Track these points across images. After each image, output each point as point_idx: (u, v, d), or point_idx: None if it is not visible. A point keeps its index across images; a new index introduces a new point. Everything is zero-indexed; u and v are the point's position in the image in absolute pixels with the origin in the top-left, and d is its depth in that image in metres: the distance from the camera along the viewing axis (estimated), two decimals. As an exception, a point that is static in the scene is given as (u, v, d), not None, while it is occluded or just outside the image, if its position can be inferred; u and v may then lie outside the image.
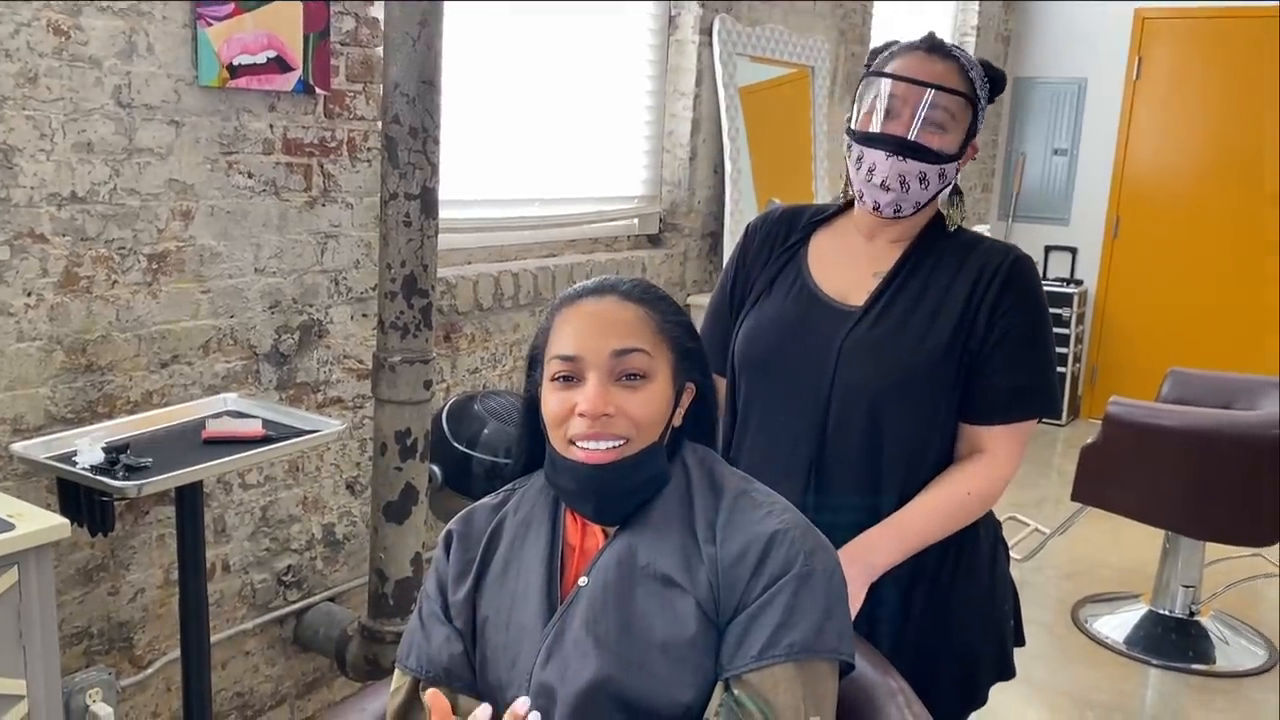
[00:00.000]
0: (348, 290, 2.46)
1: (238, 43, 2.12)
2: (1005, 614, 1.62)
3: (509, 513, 1.24)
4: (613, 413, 1.11)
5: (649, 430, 1.14)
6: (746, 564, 1.10)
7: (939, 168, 1.48)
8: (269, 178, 2.25)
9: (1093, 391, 6.02)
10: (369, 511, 2.42)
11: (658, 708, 1.08)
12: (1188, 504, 3.27)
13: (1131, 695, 3.17)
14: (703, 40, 3.53)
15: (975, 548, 1.55)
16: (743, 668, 1.07)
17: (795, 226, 1.62)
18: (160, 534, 2.16)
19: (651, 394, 1.13)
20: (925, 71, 1.47)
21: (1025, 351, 1.48)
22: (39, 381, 1.93)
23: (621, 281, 1.20)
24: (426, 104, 2.06)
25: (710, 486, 1.18)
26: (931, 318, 1.47)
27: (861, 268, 1.53)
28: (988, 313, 1.47)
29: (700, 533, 1.14)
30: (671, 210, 3.62)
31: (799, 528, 1.13)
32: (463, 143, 2.78)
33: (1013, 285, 1.48)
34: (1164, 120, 5.74)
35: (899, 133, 1.47)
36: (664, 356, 1.16)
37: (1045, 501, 4.71)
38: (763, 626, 1.08)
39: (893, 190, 1.48)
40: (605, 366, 1.12)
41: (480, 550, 1.21)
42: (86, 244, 1.96)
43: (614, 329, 1.13)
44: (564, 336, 1.14)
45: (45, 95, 1.87)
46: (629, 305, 1.16)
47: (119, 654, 2.14)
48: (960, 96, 1.47)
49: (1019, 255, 1.52)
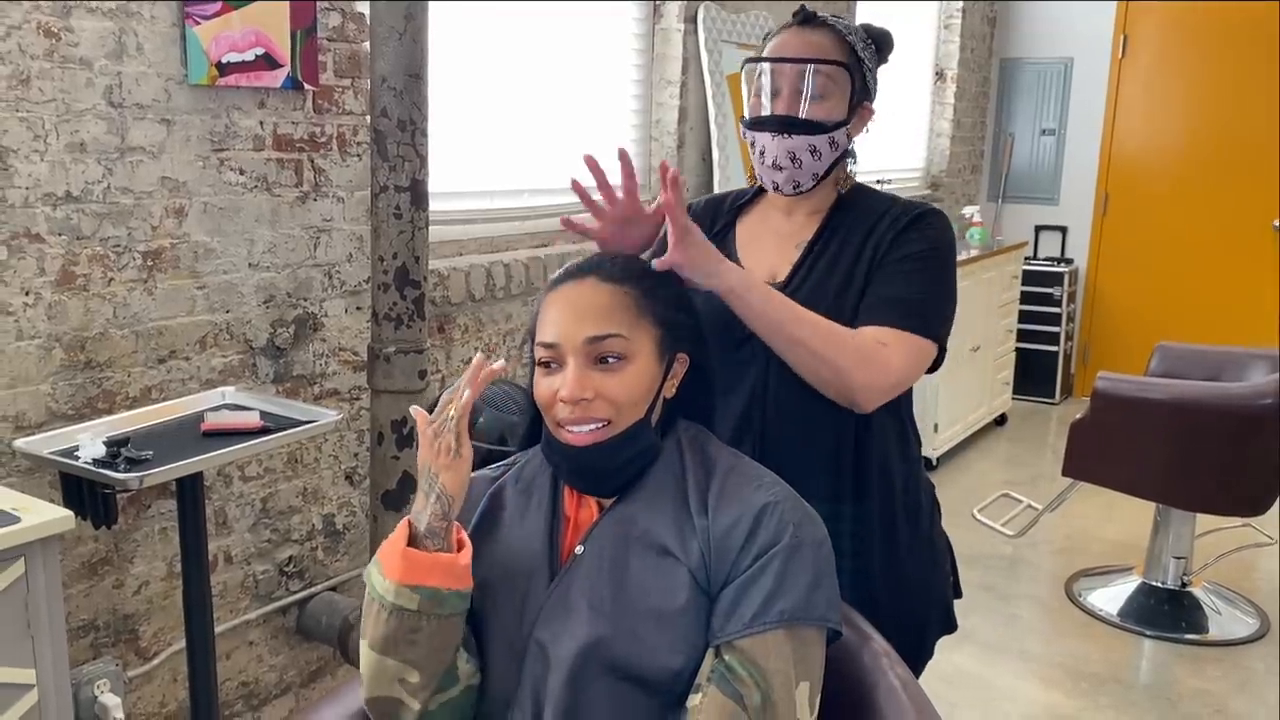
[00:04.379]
0: (341, 283, 2.49)
1: (226, 41, 2.14)
2: (946, 572, 1.68)
3: (508, 483, 1.28)
4: (591, 397, 1.15)
5: (631, 409, 1.18)
6: (738, 535, 1.14)
7: (827, 137, 1.50)
8: (260, 174, 2.28)
9: (1085, 370, 6.06)
10: (368, 501, 2.45)
11: (648, 672, 1.12)
12: (1176, 476, 3.31)
13: (1125, 666, 3.22)
14: (688, 28, 3.55)
15: (918, 509, 1.59)
16: (735, 634, 1.11)
17: (720, 213, 1.66)
18: (163, 527, 2.19)
19: (630, 374, 1.17)
20: (800, 45, 1.51)
21: (913, 273, 1.46)
22: (39, 379, 1.96)
23: (605, 260, 1.23)
24: (414, 97, 2.09)
25: (702, 462, 1.22)
26: (848, 277, 1.49)
27: (785, 243, 1.56)
28: (886, 247, 1.48)
29: (693, 505, 1.18)
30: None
31: (788, 500, 1.18)
32: (452, 135, 2.81)
33: (915, 226, 1.49)
34: (1150, 98, 5.78)
35: (780, 111, 1.51)
36: (646, 333, 1.19)
37: (1039, 479, 4.75)
38: (754, 595, 1.11)
39: (785, 168, 1.51)
40: (582, 352, 1.16)
41: (475, 518, 1.26)
42: (82, 243, 1.99)
43: (589, 315, 1.17)
44: (546, 324, 1.19)
45: (38, 96, 1.90)
46: (606, 287, 1.19)
47: (125, 646, 2.17)
48: (836, 65, 1.50)
49: (929, 208, 1.53)
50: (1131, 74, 5.81)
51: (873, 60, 1.55)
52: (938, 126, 5.79)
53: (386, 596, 1.12)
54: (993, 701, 2.97)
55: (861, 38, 1.54)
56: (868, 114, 1.57)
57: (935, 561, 1.64)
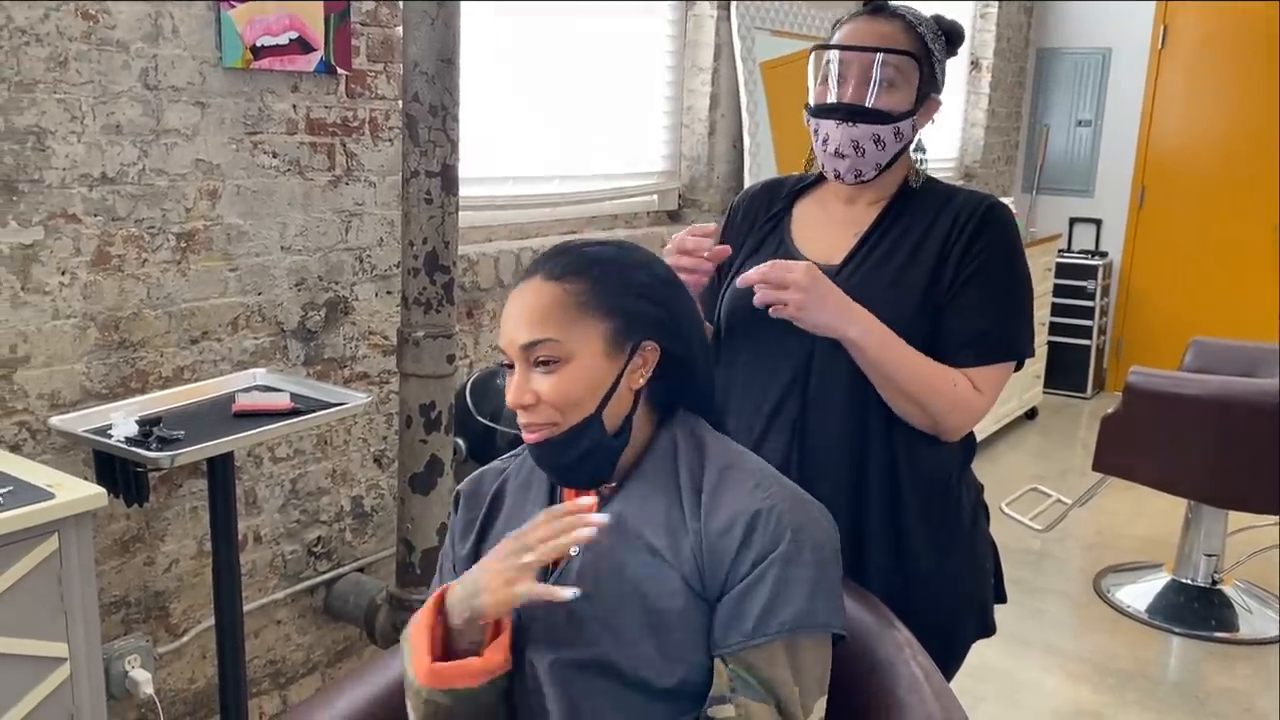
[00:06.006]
0: (372, 267, 2.51)
1: (260, 24, 2.16)
2: (986, 572, 1.64)
3: (510, 476, 1.29)
4: (532, 401, 1.14)
5: (574, 409, 1.14)
6: (733, 538, 1.11)
7: (892, 127, 1.49)
8: (293, 157, 2.30)
9: (1118, 364, 6.00)
10: (395, 484, 2.47)
11: (643, 677, 1.11)
12: (1209, 473, 3.27)
13: (1153, 663, 3.19)
14: (721, 14, 3.54)
15: (958, 508, 1.57)
16: (737, 645, 1.10)
17: (778, 196, 1.65)
18: (193, 506, 2.22)
19: (566, 376, 1.13)
20: (870, 34, 1.50)
21: (992, 294, 1.47)
22: (74, 358, 1.99)
23: (557, 255, 1.18)
24: (446, 82, 2.09)
25: (698, 457, 1.19)
26: (906, 269, 1.48)
27: (843, 230, 1.55)
28: (958, 256, 1.48)
29: (687, 504, 1.15)
30: (690, 186, 3.64)
31: (786, 500, 1.14)
32: (483, 120, 2.82)
33: (985, 231, 1.48)
34: (1190, 90, 5.69)
35: (846, 99, 1.50)
36: (590, 329, 1.14)
37: (1069, 473, 4.71)
38: (753, 604, 1.10)
39: (848, 156, 1.50)
40: (521, 357, 1.15)
41: (484, 510, 1.27)
42: (117, 224, 2.02)
43: (524, 320, 1.14)
44: (501, 327, 1.18)
45: (75, 78, 1.92)
46: (547, 287, 1.15)
47: (155, 622, 2.21)
48: (905, 55, 1.49)
49: (994, 203, 1.52)
50: (1171, 66, 5.72)
51: (942, 52, 1.54)
52: (972, 116, 5.73)
53: (421, 692, 1.12)
54: (1017, 695, 2.96)
55: (932, 29, 1.53)
56: (935, 106, 1.55)
57: (974, 562, 1.61)
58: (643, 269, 1.19)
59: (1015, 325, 1.50)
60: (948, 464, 1.55)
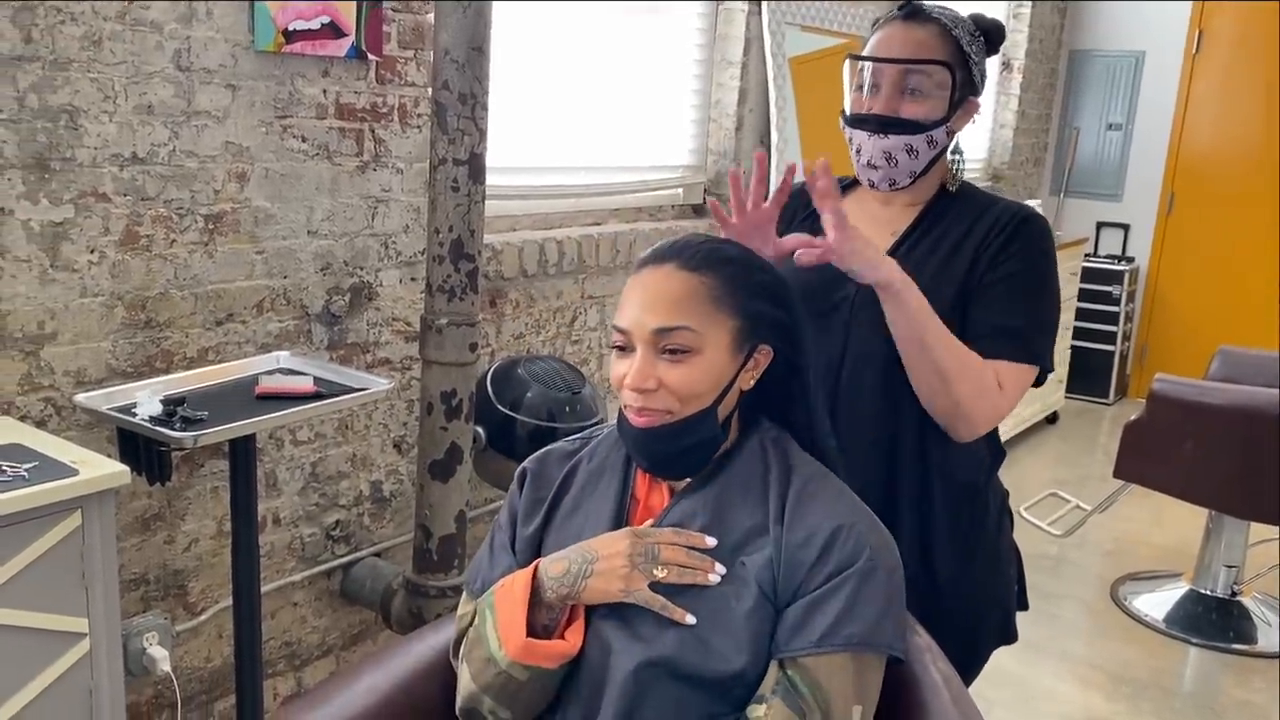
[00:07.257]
0: (397, 254, 2.51)
1: (293, 9, 2.16)
2: (1010, 579, 1.63)
3: (584, 459, 1.29)
4: (654, 387, 1.15)
5: (694, 400, 1.16)
6: (811, 550, 1.13)
7: (925, 136, 1.48)
8: (322, 142, 2.30)
9: (1142, 370, 5.95)
10: (415, 470, 2.48)
11: (707, 674, 1.11)
12: (1232, 483, 3.24)
13: (1169, 673, 3.17)
14: (751, 8, 3.52)
15: (985, 513, 1.56)
16: (800, 651, 1.10)
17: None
18: (214, 486, 2.23)
19: (695, 367, 1.15)
20: (903, 41, 1.48)
21: (1021, 297, 1.46)
22: (100, 336, 2.00)
23: (689, 246, 1.20)
24: (476, 70, 2.09)
25: (783, 468, 1.20)
26: (941, 272, 1.48)
27: (880, 229, 1.54)
28: (990, 257, 1.47)
29: (771, 510, 1.17)
30: (716, 181, 3.63)
31: (865, 521, 1.16)
32: (511, 110, 2.81)
33: (1019, 238, 1.47)
34: (1224, 95, 5.63)
35: (878, 110, 1.49)
36: (721, 325, 1.16)
37: (1089, 479, 4.68)
38: (824, 614, 1.10)
39: (880, 167, 1.50)
40: (650, 341, 1.15)
41: (552, 492, 1.27)
42: (146, 204, 2.03)
43: (659, 304, 1.15)
44: (622, 307, 1.19)
45: (109, 58, 1.93)
46: (683, 276, 1.16)
47: (174, 600, 2.22)
48: (937, 64, 1.47)
49: (1031, 213, 1.51)
50: (1205, 71, 5.66)
51: (980, 53, 1.51)
52: (1002, 117, 5.69)
53: (500, 662, 1.15)
54: (1031, 701, 2.94)
55: (969, 30, 1.51)
56: (973, 108, 1.54)
57: (997, 568, 1.60)
58: (767, 272, 1.22)
59: (1040, 331, 1.49)
60: (977, 468, 1.54)
